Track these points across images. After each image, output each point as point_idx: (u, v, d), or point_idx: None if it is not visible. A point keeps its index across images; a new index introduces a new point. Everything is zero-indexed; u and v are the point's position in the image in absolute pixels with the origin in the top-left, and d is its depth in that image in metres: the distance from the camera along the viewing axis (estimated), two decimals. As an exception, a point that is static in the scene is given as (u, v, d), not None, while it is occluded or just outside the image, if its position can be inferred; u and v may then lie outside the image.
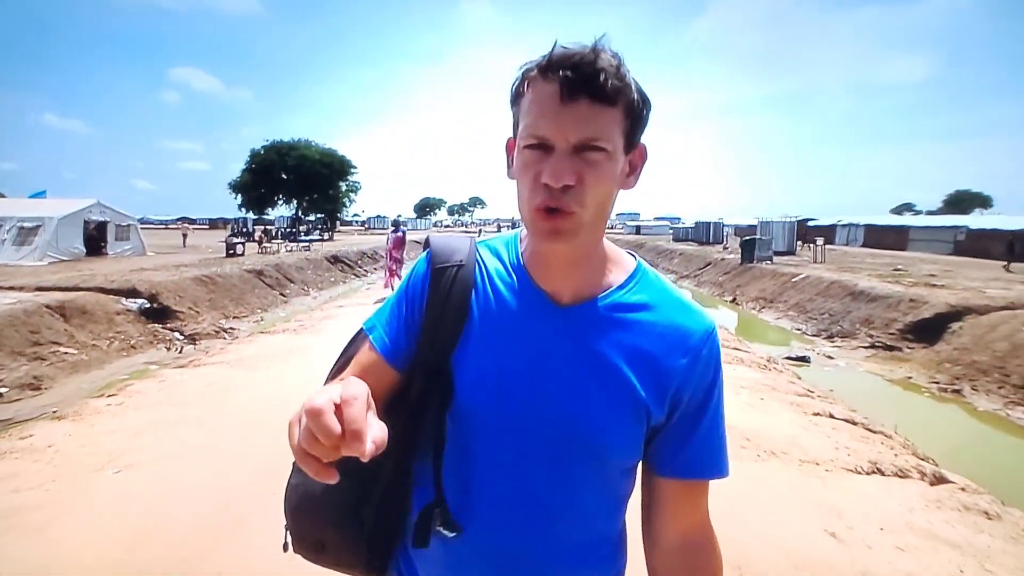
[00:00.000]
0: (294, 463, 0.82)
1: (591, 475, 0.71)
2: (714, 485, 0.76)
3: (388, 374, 0.75)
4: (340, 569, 0.84)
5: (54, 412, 5.19)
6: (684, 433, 0.72)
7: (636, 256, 0.79)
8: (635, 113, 0.65)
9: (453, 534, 0.72)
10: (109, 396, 5.10)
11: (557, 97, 0.61)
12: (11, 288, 10.16)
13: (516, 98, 0.67)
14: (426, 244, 0.81)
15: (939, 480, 3.61)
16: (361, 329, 0.83)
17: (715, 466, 0.74)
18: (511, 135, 0.71)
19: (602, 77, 0.60)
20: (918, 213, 72.00)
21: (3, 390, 6.65)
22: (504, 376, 0.70)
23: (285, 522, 0.84)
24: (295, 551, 0.84)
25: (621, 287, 0.74)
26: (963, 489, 3.48)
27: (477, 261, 0.77)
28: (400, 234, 11.79)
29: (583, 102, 0.61)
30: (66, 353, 8.10)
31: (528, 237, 0.75)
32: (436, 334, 0.73)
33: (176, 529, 2.75)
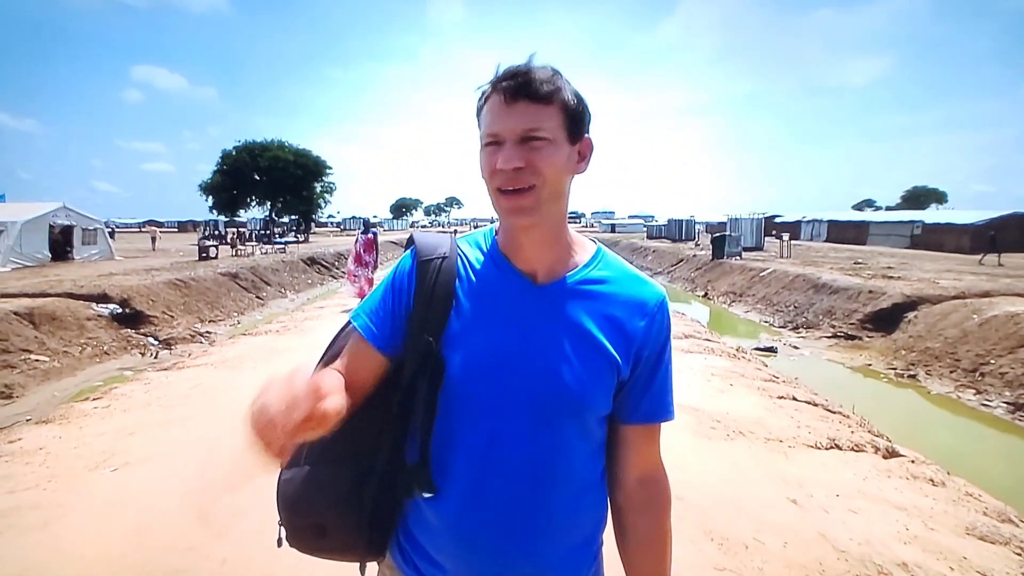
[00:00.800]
0: None
1: (573, 427, 0.82)
2: (687, 462, 0.93)
3: (375, 358, 0.85)
4: (340, 555, 0.88)
5: (28, 419, 5.13)
6: (644, 385, 0.86)
7: (596, 241, 0.93)
8: (571, 110, 0.80)
9: (429, 495, 0.81)
10: (95, 400, 5.07)
11: (503, 102, 0.77)
12: (-26, 296, 9.85)
13: (479, 113, 0.82)
14: (410, 241, 0.92)
15: (891, 454, 3.94)
16: (349, 321, 0.92)
17: (668, 410, 0.88)
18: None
19: (536, 83, 0.76)
20: (878, 209, 74.85)
21: (-28, 400, 6.50)
22: (493, 350, 0.81)
23: (279, 518, 0.88)
24: (291, 545, 0.88)
25: (587, 265, 0.87)
26: (913, 461, 3.81)
27: (459, 253, 0.88)
28: (371, 236, 10.56)
29: (522, 103, 0.77)
30: (37, 360, 7.91)
31: (502, 226, 0.88)
32: (426, 320, 0.82)
33: (177, 522, 2.83)
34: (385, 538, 0.89)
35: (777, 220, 39.30)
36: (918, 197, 73.78)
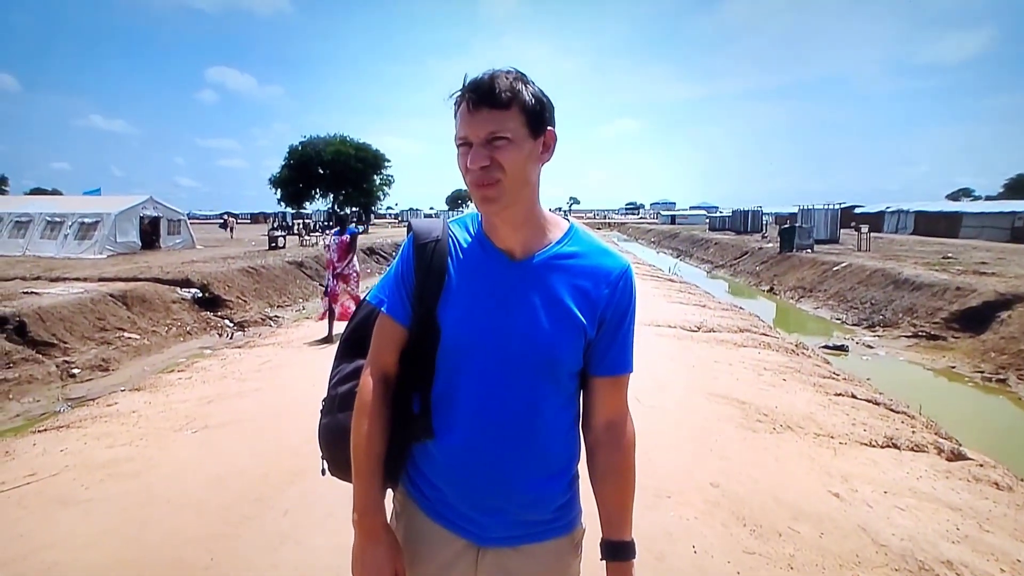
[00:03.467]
0: (321, 410, 1.16)
1: (547, 380, 0.97)
2: (728, 452, 1.02)
3: (398, 331, 1.02)
4: None
5: (122, 391, 5.77)
6: (608, 342, 1.00)
7: (570, 220, 1.06)
8: (529, 110, 0.91)
9: (428, 439, 0.99)
10: (179, 372, 5.67)
11: (467, 110, 0.90)
12: (76, 279, 11.04)
13: (455, 116, 0.94)
14: (409, 227, 1.06)
15: (956, 456, 3.69)
16: (364, 301, 1.13)
17: (628, 365, 1.02)
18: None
19: (496, 91, 0.88)
20: (976, 198, 67.83)
21: (76, 371, 7.34)
22: (478, 317, 0.96)
23: (321, 454, 1.12)
24: (331, 474, 1.13)
25: (559, 242, 1.01)
26: (980, 465, 3.55)
27: (450, 235, 1.03)
28: (346, 237, 7.18)
29: (484, 110, 0.89)
30: (129, 338, 8.79)
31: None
32: (424, 294, 0.99)
33: (248, 478, 3.19)
34: (398, 469, 1.07)
35: (857, 211, 36.52)
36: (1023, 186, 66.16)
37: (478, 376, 0.97)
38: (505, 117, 0.90)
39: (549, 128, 0.97)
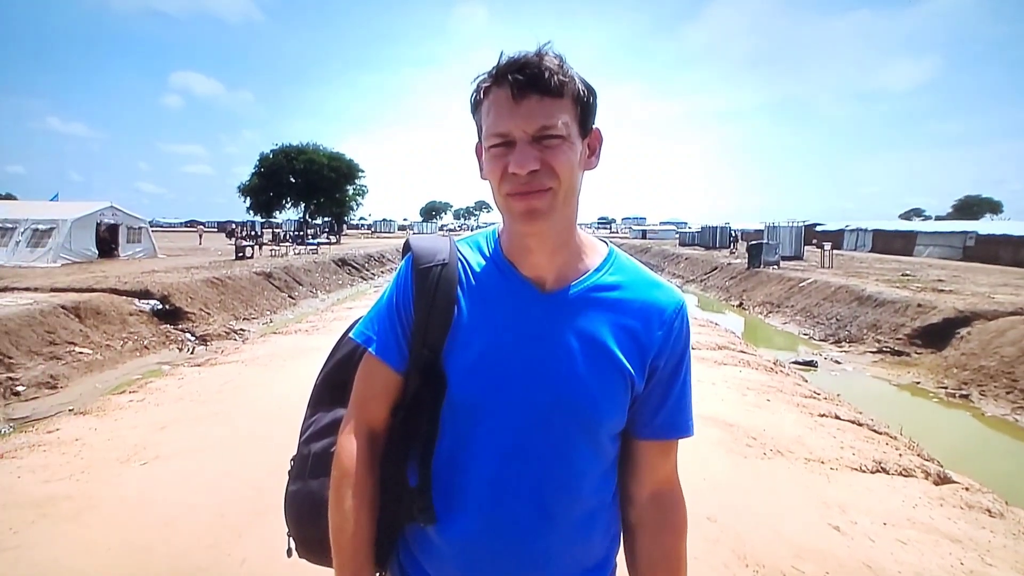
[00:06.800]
0: (289, 471, 0.92)
1: (585, 444, 0.76)
2: (721, 480, 0.84)
3: (394, 380, 0.81)
4: None
5: (70, 410, 5.31)
6: (659, 398, 0.80)
7: (608, 242, 0.86)
8: (582, 101, 0.73)
9: (428, 525, 0.77)
10: (131, 393, 5.23)
11: (510, 97, 0.69)
12: (26, 289, 10.33)
13: (476, 107, 0.75)
14: (406, 248, 0.84)
15: (943, 480, 3.67)
16: (348, 336, 0.90)
17: (685, 426, 0.82)
18: (478, 141, 0.77)
19: (547, 74, 0.68)
20: (927, 218, 71.64)
21: (20, 388, 6.79)
22: (497, 363, 0.75)
23: (287, 530, 0.90)
24: (299, 555, 0.90)
25: (598, 270, 0.80)
26: (967, 489, 3.54)
27: (459, 258, 0.82)
28: None
29: (533, 98, 0.69)
30: (81, 353, 8.23)
31: (507, 230, 0.81)
32: (427, 332, 0.77)
33: (202, 518, 2.87)
34: (387, 551, 0.84)
35: (818, 229, 37.93)
36: (971, 207, 70.24)
37: (497, 440, 0.75)
38: (558, 108, 0.70)
39: (595, 127, 0.77)
